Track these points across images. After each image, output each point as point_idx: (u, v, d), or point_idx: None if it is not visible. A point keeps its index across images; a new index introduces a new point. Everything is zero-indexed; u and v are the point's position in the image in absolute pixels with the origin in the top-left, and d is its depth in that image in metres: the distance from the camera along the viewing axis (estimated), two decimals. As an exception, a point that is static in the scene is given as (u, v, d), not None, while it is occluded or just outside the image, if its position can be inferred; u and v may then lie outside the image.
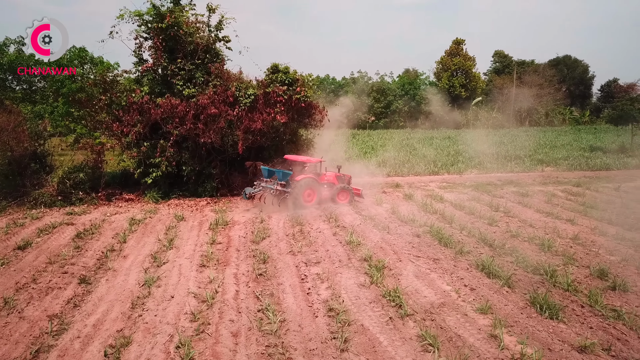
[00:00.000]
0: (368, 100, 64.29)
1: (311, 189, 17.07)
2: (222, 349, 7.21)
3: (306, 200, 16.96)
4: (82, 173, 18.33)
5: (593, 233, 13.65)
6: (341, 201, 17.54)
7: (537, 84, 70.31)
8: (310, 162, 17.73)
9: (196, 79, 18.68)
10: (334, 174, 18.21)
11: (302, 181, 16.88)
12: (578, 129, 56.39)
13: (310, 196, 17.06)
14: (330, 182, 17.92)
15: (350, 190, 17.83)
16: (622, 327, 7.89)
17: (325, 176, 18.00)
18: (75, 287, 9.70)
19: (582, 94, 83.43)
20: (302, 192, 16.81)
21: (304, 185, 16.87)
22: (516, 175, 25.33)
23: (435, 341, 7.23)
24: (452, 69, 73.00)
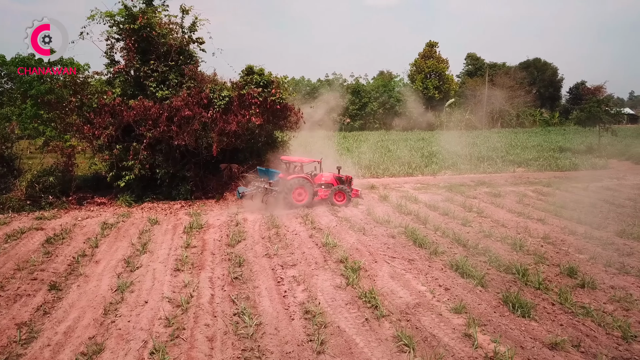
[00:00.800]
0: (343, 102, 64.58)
1: (302, 189, 17.12)
2: (198, 354, 7.13)
3: (297, 199, 17.07)
4: (52, 177, 17.91)
5: (563, 232, 13.96)
6: (338, 202, 17.60)
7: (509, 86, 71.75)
8: (302, 162, 17.83)
9: (170, 81, 18.47)
10: (332, 174, 18.29)
11: (292, 181, 16.99)
12: (548, 130, 57.74)
13: (302, 196, 17.15)
14: (328, 182, 17.97)
15: (347, 192, 17.81)
16: (591, 323, 8.08)
17: (323, 176, 18.05)
18: (45, 294, 9.47)
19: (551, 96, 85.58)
20: (292, 192, 16.92)
21: (294, 185, 16.96)
22: (489, 176, 25.76)
23: (410, 341, 7.29)
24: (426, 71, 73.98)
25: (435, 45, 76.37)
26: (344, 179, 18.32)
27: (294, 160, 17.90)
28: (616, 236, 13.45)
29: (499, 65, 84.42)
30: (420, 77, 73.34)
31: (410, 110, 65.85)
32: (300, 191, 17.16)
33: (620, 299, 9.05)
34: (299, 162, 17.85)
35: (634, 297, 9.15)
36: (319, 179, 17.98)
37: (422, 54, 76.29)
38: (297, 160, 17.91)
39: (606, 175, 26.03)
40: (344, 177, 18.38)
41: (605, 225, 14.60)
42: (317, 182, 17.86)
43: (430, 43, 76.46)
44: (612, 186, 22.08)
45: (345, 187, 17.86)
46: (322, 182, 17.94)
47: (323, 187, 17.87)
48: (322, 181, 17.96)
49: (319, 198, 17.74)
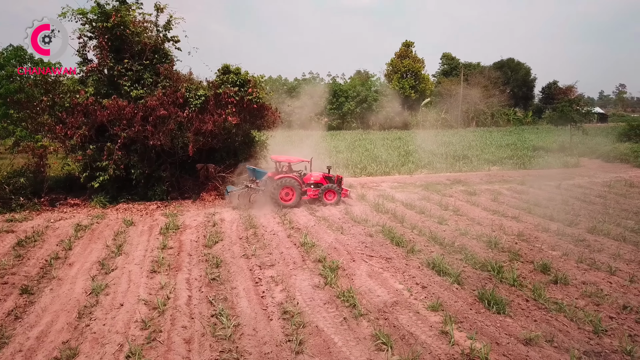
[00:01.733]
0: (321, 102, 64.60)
1: (290, 189, 17.12)
2: (175, 357, 7.06)
3: (284, 199, 17.06)
4: (23, 178, 17.47)
5: (536, 229, 14.25)
6: (328, 201, 17.64)
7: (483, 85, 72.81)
8: (290, 161, 17.82)
9: (144, 80, 18.19)
10: (321, 174, 18.30)
11: (279, 180, 16.99)
12: (522, 129, 58.81)
13: (289, 195, 17.16)
14: (318, 182, 18.01)
15: (337, 191, 17.85)
16: (564, 319, 8.28)
17: (312, 176, 18.05)
18: (16, 298, 9.24)
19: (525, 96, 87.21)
20: (279, 191, 16.92)
21: (281, 185, 16.95)
22: (464, 175, 26.12)
23: (388, 340, 7.36)
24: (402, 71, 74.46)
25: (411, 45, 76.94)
26: (333, 178, 18.35)
27: (281, 160, 17.88)
28: (587, 233, 13.80)
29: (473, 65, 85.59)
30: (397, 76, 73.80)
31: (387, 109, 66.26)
32: (287, 191, 17.16)
33: (592, 294, 9.29)
34: (286, 162, 17.84)
35: (604, 292, 9.41)
36: (308, 178, 18.00)
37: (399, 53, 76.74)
38: (285, 160, 17.90)
39: (577, 173, 26.66)
40: (333, 177, 18.41)
41: (577, 222, 14.96)
42: (306, 182, 17.87)
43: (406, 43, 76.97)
44: (583, 184, 22.62)
45: (336, 187, 17.89)
46: (311, 182, 17.95)
47: (312, 186, 17.88)
48: (311, 181, 17.98)
49: (309, 197, 17.76)
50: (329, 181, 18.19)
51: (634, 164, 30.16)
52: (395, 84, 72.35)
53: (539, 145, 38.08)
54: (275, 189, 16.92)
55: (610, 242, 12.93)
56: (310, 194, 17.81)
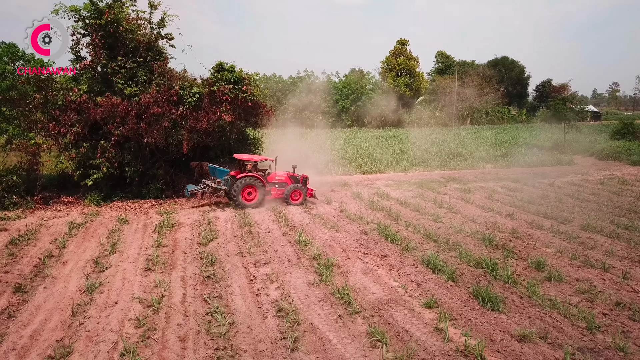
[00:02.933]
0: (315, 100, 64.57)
1: (252, 188, 16.91)
2: (169, 354, 7.03)
3: (246, 199, 16.86)
4: (16, 176, 17.36)
5: (530, 227, 14.32)
6: (294, 201, 17.44)
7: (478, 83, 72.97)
8: (253, 160, 17.52)
9: (138, 78, 18.10)
10: (286, 173, 18.08)
11: (241, 179, 16.79)
12: (516, 127, 58.98)
13: (252, 195, 16.93)
14: (282, 181, 17.80)
15: (303, 190, 17.69)
16: (558, 315, 8.32)
17: (277, 175, 17.83)
18: (9, 297, 9.18)
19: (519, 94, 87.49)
20: (241, 191, 16.72)
21: (243, 184, 16.75)
22: (459, 173, 26.21)
23: (383, 337, 7.36)
24: (397, 69, 74.47)
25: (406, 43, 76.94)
26: (298, 177, 18.10)
27: (244, 159, 17.50)
28: (581, 230, 13.88)
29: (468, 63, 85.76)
30: (392, 74, 73.83)
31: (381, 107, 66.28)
32: (249, 190, 16.94)
33: (585, 291, 9.34)
34: (249, 161, 17.52)
35: (597, 289, 9.47)
36: (272, 177, 17.77)
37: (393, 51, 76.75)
38: (248, 159, 17.54)
39: (571, 171, 26.83)
40: (298, 176, 18.15)
41: (571, 219, 15.04)
42: (270, 181, 17.64)
43: (401, 41, 76.96)
44: (576, 181, 22.76)
45: (301, 186, 17.70)
46: (275, 181, 17.74)
47: (277, 186, 17.68)
48: (275, 180, 17.76)
49: (273, 197, 17.56)
50: (294, 180, 17.97)
51: (627, 161, 30.38)
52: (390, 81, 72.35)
53: (533, 143, 38.22)
54: (237, 188, 16.70)
55: (604, 239, 13.02)
56: (274, 194, 17.63)
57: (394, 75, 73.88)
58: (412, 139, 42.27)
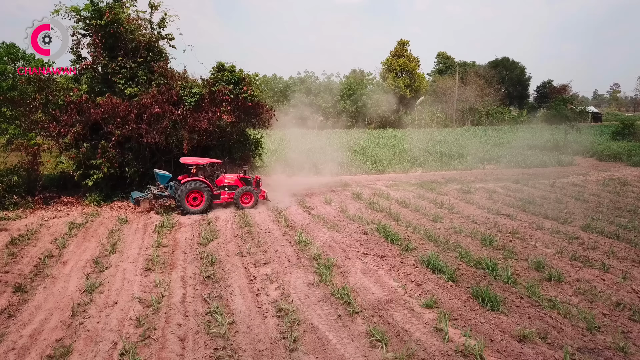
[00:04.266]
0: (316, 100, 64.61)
1: (198, 193, 16.32)
2: (169, 354, 7.03)
3: (192, 204, 16.21)
4: (16, 176, 17.36)
5: (531, 227, 14.31)
6: (245, 204, 16.93)
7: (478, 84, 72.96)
8: (197, 163, 16.80)
9: (138, 78, 18.10)
10: (236, 175, 17.48)
11: (185, 184, 16.20)
12: (516, 128, 58.91)
13: (197, 200, 16.33)
14: (233, 184, 17.26)
15: (255, 193, 17.10)
16: (557, 315, 8.31)
17: (226, 178, 17.27)
18: (9, 296, 9.18)
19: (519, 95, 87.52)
20: (185, 196, 16.07)
21: (188, 189, 16.11)
22: (459, 173, 26.21)
23: (383, 337, 7.36)
24: (397, 70, 74.45)
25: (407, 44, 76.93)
26: (251, 180, 17.60)
27: (188, 162, 16.79)
28: (581, 231, 13.88)
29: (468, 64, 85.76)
30: (392, 75, 73.81)
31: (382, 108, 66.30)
32: (195, 195, 16.30)
33: (585, 292, 9.34)
34: (193, 164, 16.79)
35: (597, 290, 9.46)
36: (221, 181, 17.21)
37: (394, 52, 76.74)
38: (192, 162, 16.81)
39: (571, 171, 26.84)
40: (250, 178, 17.65)
41: (571, 220, 15.03)
42: (219, 184, 17.15)
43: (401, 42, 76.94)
44: (577, 182, 22.75)
45: (252, 188, 17.18)
46: (225, 184, 17.19)
47: (227, 189, 17.14)
48: (225, 183, 17.19)
49: (223, 201, 17.07)
50: (246, 183, 17.46)
51: (627, 162, 30.40)
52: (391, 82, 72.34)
53: (534, 143, 38.20)
54: (182, 193, 16.07)
55: (604, 239, 13.01)
56: (224, 197, 17.08)
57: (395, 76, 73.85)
58: (412, 139, 42.27)
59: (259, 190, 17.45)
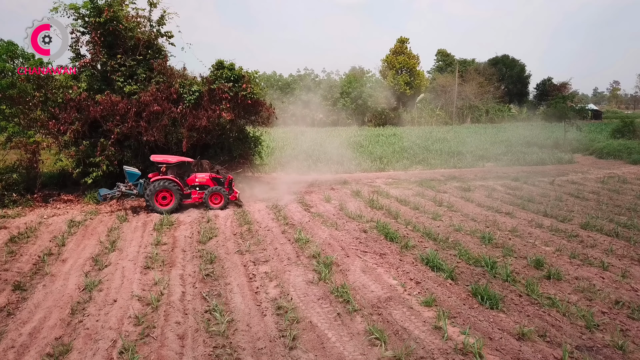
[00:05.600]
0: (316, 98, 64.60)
1: (167, 192, 15.99)
2: (168, 352, 7.03)
3: (161, 204, 15.92)
4: (16, 174, 17.36)
5: (530, 225, 14.31)
6: (214, 205, 16.50)
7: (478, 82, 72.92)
8: (168, 162, 16.47)
9: (138, 76, 18.10)
10: (208, 175, 17.03)
11: (154, 183, 15.92)
12: (516, 126, 58.87)
13: (167, 199, 16.01)
14: (204, 184, 16.81)
15: (224, 193, 16.60)
16: (556, 314, 8.31)
17: (197, 177, 16.85)
18: (9, 294, 9.18)
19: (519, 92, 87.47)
20: (154, 195, 15.82)
21: (156, 188, 15.83)
22: (459, 171, 26.20)
23: (382, 335, 7.36)
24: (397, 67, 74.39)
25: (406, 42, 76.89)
26: (223, 179, 17.08)
27: (159, 160, 16.39)
28: (580, 228, 13.87)
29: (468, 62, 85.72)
30: (392, 73, 73.77)
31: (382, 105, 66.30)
32: (164, 194, 15.96)
33: (584, 290, 9.33)
34: (163, 162, 16.39)
35: (596, 288, 9.46)
36: (192, 180, 16.79)
37: (393, 50, 76.69)
38: (162, 160, 16.39)
39: (571, 169, 26.85)
40: (222, 178, 17.12)
41: (571, 218, 15.02)
42: (190, 184, 16.85)
43: (401, 39, 76.88)
44: (576, 180, 22.76)
45: (223, 189, 16.64)
46: (196, 184, 16.77)
47: (198, 189, 16.71)
48: (196, 182, 16.76)
49: (193, 201, 16.64)
50: (218, 182, 16.97)
51: (627, 160, 30.39)
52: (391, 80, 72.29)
53: (533, 141, 38.22)
54: (151, 192, 15.75)
55: (603, 237, 13.01)
56: (195, 197, 16.65)
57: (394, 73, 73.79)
58: (412, 137, 42.29)
59: (230, 191, 16.97)
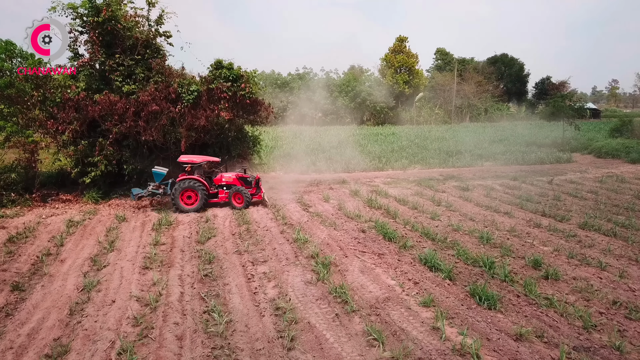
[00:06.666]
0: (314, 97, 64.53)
1: (192, 191, 16.18)
2: (167, 353, 7.04)
3: (186, 203, 16.17)
4: (14, 173, 17.37)
5: (528, 225, 14.33)
6: (237, 204, 16.53)
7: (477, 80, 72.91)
8: (193, 162, 16.64)
9: (136, 75, 18.09)
10: (235, 174, 17.15)
11: (179, 183, 16.11)
12: (515, 125, 58.86)
13: (192, 199, 16.21)
14: (231, 183, 16.87)
15: (245, 194, 16.52)
16: (554, 314, 8.33)
17: (224, 177, 16.99)
18: (7, 295, 9.19)
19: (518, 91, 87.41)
20: (179, 195, 16.01)
21: (182, 187, 16.01)
22: (457, 170, 26.22)
23: (380, 336, 7.37)
24: (396, 66, 74.35)
25: (405, 40, 76.82)
26: (250, 179, 17.15)
27: (185, 161, 16.69)
28: (579, 228, 13.90)
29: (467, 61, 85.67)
30: (391, 71, 73.71)
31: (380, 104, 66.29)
32: (189, 194, 16.18)
33: (582, 290, 9.36)
34: (189, 162, 16.69)
35: (594, 288, 9.48)
36: (219, 179, 16.96)
37: (392, 48, 76.63)
38: (188, 160, 16.68)
39: (570, 168, 26.88)
40: (250, 178, 17.19)
41: (569, 217, 15.05)
42: (217, 183, 16.92)
43: (400, 38, 76.82)
44: (575, 179, 22.78)
45: (244, 189, 16.63)
46: (223, 183, 16.90)
47: (225, 188, 16.81)
48: (222, 182, 16.89)
49: (220, 200, 16.80)
50: (245, 182, 17.03)
51: (625, 159, 30.43)
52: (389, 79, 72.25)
53: (532, 140, 38.26)
54: (176, 192, 16.02)
55: (601, 237, 13.04)
56: (222, 197, 16.79)
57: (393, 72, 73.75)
58: (411, 136, 42.30)
59: (257, 191, 17.06)
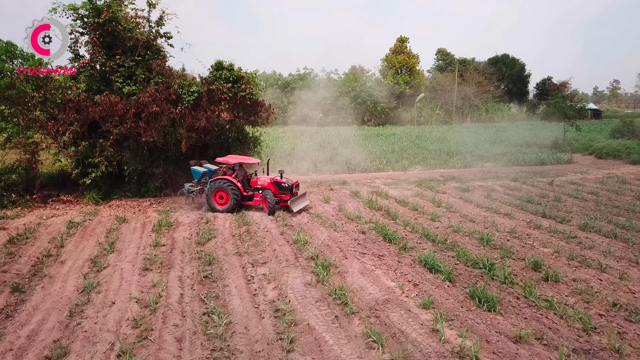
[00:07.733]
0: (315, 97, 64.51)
1: (224, 192, 16.18)
2: (166, 355, 7.05)
3: (218, 202, 16.26)
4: (15, 174, 17.37)
5: (528, 226, 14.33)
6: (267, 209, 16.15)
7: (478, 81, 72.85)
8: (228, 162, 16.80)
9: (137, 76, 18.09)
10: (270, 178, 16.69)
11: (212, 183, 16.24)
12: (516, 125, 58.86)
13: (223, 199, 16.25)
14: (266, 187, 16.54)
15: (270, 199, 15.92)
16: (554, 316, 8.33)
17: (259, 180, 16.75)
18: (7, 296, 9.20)
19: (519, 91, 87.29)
20: (212, 194, 16.18)
21: (214, 187, 16.14)
22: (458, 171, 26.21)
23: (379, 338, 7.38)
24: (397, 67, 74.29)
25: (406, 41, 76.78)
26: (286, 185, 16.49)
27: (220, 161, 16.93)
28: (579, 230, 13.90)
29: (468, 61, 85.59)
30: (392, 72, 73.66)
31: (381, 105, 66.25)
32: (221, 194, 16.25)
33: (582, 292, 9.36)
34: (224, 163, 16.86)
35: (594, 290, 9.48)
36: (255, 182, 16.77)
37: (393, 49, 76.59)
38: (223, 161, 16.82)
39: (570, 169, 26.86)
40: (286, 183, 16.51)
41: (569, 219, 15.04)
42: (253, 186, 16.76)
43: (401, 38, 76.77)
44: (575, 180, 22.76)
45: (270, 194, 16.09)
46: (258, 186, 16.66)
47: (260, 191, 16.57)
48: (258, 185, 16.68)
49: (255, 203, 16.58)
50: (279, 187, 16.45)
51: (626, 160, 30.41)
52: (390, 79, 72.20)
53: (533, 141, 38.22)
54: (209, 191, 16.26)
55: (602, 239, 13.03)
56: (257, 200, 16.56)
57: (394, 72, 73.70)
58: (411, 136, 42.28)
59: (295, 194, 16.64)
